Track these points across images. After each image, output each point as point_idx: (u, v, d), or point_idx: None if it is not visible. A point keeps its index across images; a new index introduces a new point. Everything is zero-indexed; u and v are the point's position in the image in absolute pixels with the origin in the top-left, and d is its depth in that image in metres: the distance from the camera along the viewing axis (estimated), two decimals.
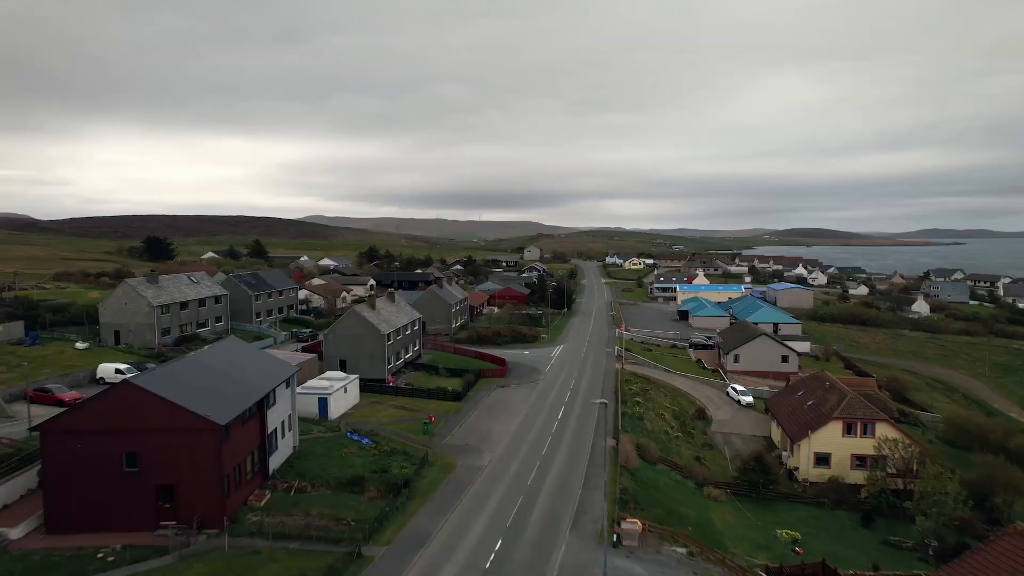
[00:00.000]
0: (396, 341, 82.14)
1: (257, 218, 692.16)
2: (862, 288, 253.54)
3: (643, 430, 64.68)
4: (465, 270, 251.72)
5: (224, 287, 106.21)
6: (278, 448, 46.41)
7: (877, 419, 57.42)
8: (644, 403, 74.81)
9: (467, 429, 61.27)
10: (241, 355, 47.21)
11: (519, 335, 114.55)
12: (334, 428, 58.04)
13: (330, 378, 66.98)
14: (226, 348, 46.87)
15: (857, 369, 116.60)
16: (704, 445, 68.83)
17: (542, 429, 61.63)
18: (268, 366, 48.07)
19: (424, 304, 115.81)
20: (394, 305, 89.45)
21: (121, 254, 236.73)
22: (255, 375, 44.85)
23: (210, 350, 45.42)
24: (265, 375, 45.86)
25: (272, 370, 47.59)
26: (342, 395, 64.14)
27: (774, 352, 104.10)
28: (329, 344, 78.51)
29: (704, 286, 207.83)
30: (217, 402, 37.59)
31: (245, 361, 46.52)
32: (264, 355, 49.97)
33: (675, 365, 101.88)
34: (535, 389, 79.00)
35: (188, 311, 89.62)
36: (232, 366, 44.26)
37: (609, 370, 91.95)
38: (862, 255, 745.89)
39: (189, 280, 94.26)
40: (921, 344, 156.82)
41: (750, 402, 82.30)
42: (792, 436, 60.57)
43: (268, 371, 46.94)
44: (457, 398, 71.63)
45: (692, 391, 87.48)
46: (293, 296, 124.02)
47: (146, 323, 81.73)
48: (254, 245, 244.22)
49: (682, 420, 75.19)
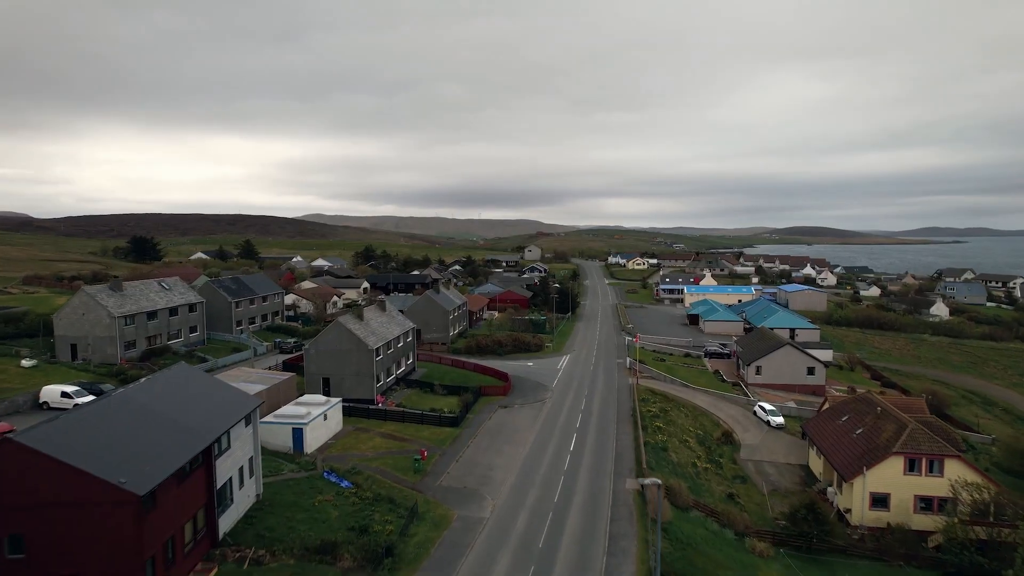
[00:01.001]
0: (386, 356, 73.58)
1: (255, 216, 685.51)
2: (874, 289, 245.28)
3: (668, 464, 56.19)
4: (464, 271, 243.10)
5: (201, 293, 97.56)
6: (233, 502, 37.84)
7: (946, 454, 48.97)
8: (665, 427, 66.32)
9: (465, 464, 52.74)
10: (188, 388, 38.57)
11: (522, 344, 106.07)
12: (309, 466, 49.47)
13: (308, 403, 58.43)
14: (169, 380, 38.24)
15: (885, 380, 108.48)
16: (735, 477, 60.34)
17: (553, 464, 53.12)
18: (223, 400, 39.45)
19: (419, 311, 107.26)
20: (385, 314, 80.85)
21: (106, 255, 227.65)
22: (203, 414, 36.27)
23: (148, 384, 36.79)
24: (217, 413, 37.27)
25: (227, 405, 38.99)
26: (321, 424, 55.59)
27: (799, 363, 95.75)
28: (311, 360, 69.91)
29: (712, 287, 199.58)
30: (143, 460, 29.04)
31: (192, 396, 37.90)
32: (220, 386, 41.34)
33: (692, 378, 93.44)
34: (542, 410, 70.51)
35: (157, 321, 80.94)
36: (174, 404, 35.67)
37: (623, 385, 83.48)
38: (864, 254, 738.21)
39: (160, 286, 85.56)
40: (944, 350, 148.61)
41: (781, 423, 73.84)
42: (842, 471, 52.12)
43: (222, 407, 38.34)
44: (454, 423, 63.12)
45: (715, 410, 78.99)
46: (279, 302, 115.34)
47: (106, 336, 73.09)
48: (244, 245, 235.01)
49: (707, 446, 66.71)
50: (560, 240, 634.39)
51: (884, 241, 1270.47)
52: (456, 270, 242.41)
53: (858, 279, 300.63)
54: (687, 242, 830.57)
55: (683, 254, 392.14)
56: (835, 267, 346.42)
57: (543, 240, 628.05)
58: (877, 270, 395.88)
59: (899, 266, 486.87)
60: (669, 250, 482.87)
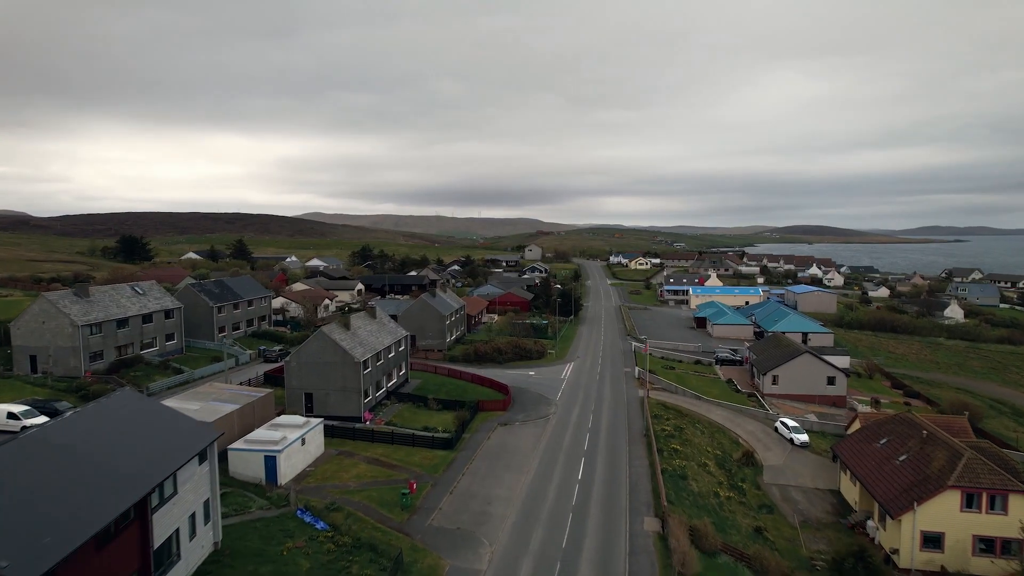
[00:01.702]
0: (376, 368, 67.39)
1: (254, 215, 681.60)
2: (882, 290, 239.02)
3: (689, 495, 50.06)
4: (463, 271, 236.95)
5: (180, 297, 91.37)
6: (181, 558, 31.68)
7: (1010, 489, 42.84)
8: (682, 448, 60.18)
9: (460, 497, 46.55)
10: (128, 422, 32.38)
11: (523, 351, 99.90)
12: (282, 501, 43.31)
13: (285, 425, 52.23)
14: (104, 414, 32.02)
15: (907, 389, 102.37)
16: (761, 507, 54.22)
17: (559, 497, 46.99)
18: (171, 435, 33.27)
19: (414, 316, 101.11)
20: (375, 322, 74.63)
21: (94, 254, 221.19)
22: (144, 455, 30.12)
23: (76, 419, 30.58)
24: (162, 452, 31.13)
25: (176, 441, 32.82)
26: (298, 450, 49.42)
27: (819, 372, 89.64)
28: (292, 374, 63.69)
29: (718, 289, 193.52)
30: (48, 525, 22.89)
31: (132, 432, 31.73)
32: (169, 417, 35.09)
33: (704, 388, 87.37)
34: (545, 428, 64.37)
35: (128, 329, 74.69)
36: (106, 444, 29.53)
37: (632, 398, 77.39)
38: (866, 253, 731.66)
39: (133, 291, 79.29)
40: (963, 355, 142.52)
41: (805, 441, 67.69)
42: (886, 505, 45.97)
43: (169, 444, 32.19)
44: (448, 445, 56.93)
45: (732, 426, 72.87)
46: (266, 306, 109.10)
47: (69, 346, 66.85)
48: (236, 245, 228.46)
49: (728, 469, 60.54)
50: (560, 239, 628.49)
51: (885, 240, 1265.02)
52: (455, 270, 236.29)
53: (865, 279, 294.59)
54: (687, 241, 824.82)
55: (686, 253, 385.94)
56: (840, 267, 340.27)
57: (543, 239, 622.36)
58: (882, 270, 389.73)
59: (903, 265, 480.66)
60: (671, 249, 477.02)
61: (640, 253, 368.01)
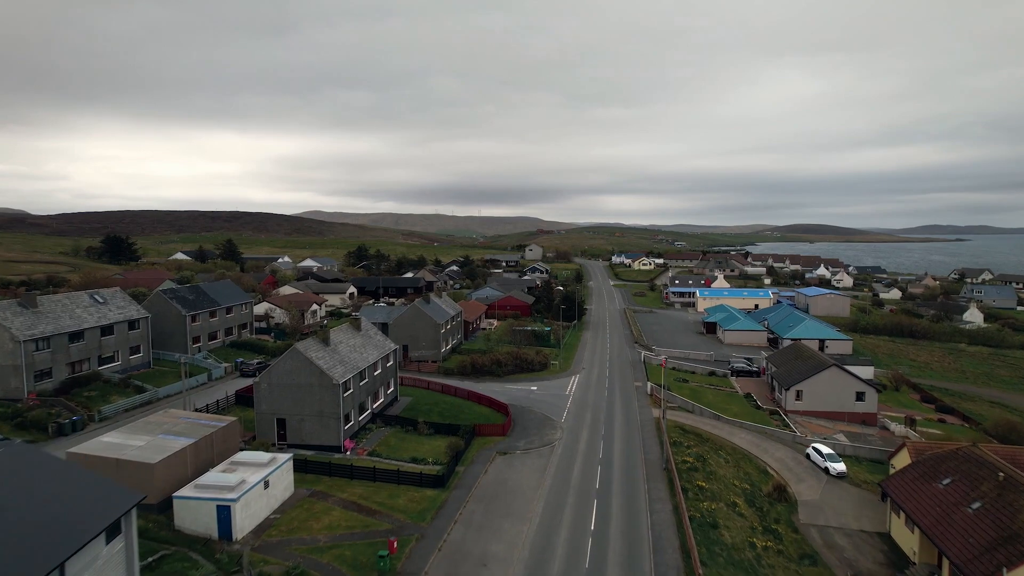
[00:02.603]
0: (359, 389, 59.63)
1: (253, 213, 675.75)
2: (894, 291, 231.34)
3: (722, 548, 42.33)
4: (461, 271, 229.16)
5: (150, 305, 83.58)
6: None
7: None
8: (708, 485, 52.43)
9: (449, 558, 38.75)
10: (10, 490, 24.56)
11: (524, 362, 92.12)
12: (233, 565, 35.58)
13: (246, 463, 44.42)
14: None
15: (939, 403, 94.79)
16: (803, 556, 46.50)
17: (569, 557, 39.19)
18: (70, 506, 25.48)
19: (406, 324, 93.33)
20: (359, 335, 66.83)
21: (78, 255, 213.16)
22: (23, 540, 22.33)
23: None
24: (51, 533, 23.34)
25: (75, 515, 25.03)
26: (259, 495, 41.63)
27: (847, 387, 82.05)
28: (262, 396, 55.91)
29: (726, 291, 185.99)
30: None
31: (13, 506, 23.92)
32: (71, 479, 27.32)
33: (721, 405, 79.79)
34: (550, 458, 56.65)
35: (83, 343, 66.86)
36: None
37: (646, 420, 69.71)
38: (869, 252, 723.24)
39: (92, 300, 71.42)
40: (988, 362, 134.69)
41: (842, 471, 59.90)
42: (964, 566, 38.26)
43: (63, 520, 24.39)
44: (439, 482, 49.16)
45: (758, 451, 65.18)
46: (247, 312, 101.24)
47: (9, 364, 59.00)
48: (226, 245, 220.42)
49: (758, 506, 52.87)
50: (561, 238, 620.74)
51: (887, 239, 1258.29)
52: (453, 271, 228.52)
53: (874, 280, 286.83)
54: (688, 240, 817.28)
55: (689, 253, 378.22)
56: (847, 267, 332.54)
57: (544, 238, 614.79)
58: (889, 270, 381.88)
59: (908, 265, 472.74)
60: (674, 249, 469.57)
61: (643, 253, 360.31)
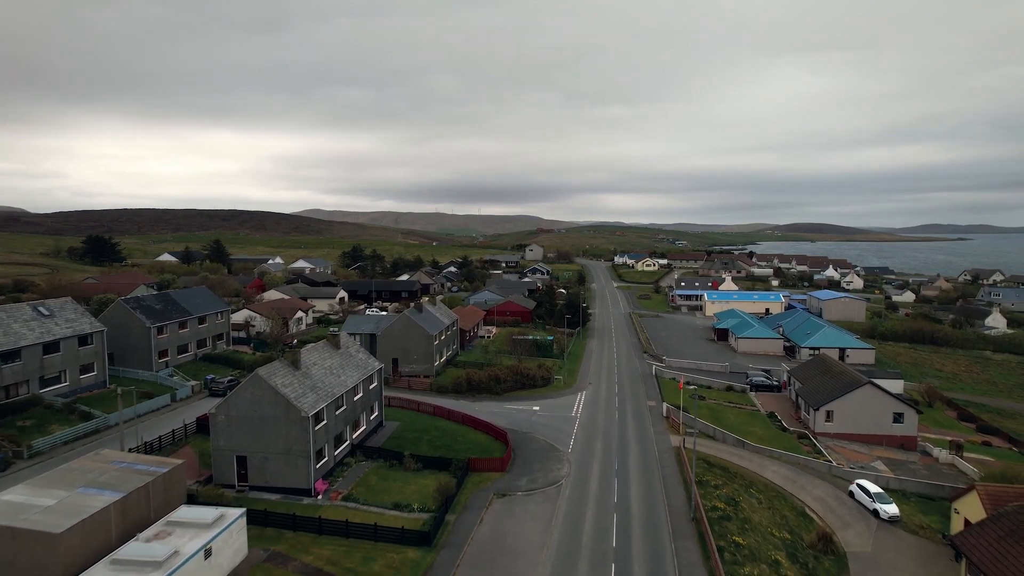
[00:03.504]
0: (334, 419, 51.36)
1: (252, 212, 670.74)
2: (907, 294, 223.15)
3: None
4: (460, 273, 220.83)
5: (110, 316, 75.28)
6: None
7: None
8: (744, 539, 44.15)
9: None
10: None
11: (525, 377, 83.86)
12: None
13: (185, 524, 36.10)
14: None
15: (980, 422, 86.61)
16: None
17: None
18: None
19: (396, 335, 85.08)
20: (338, 354, 58.51)
21: (59, 256, 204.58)
22: None
23: None
24: None
25: None
26: (198, 568, 33.35)
27: (884, 408, 73.94)
28: (219, 431, 47.57)
29: (735, 294, 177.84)
30: None
31: None
32: None
33: (744, 427, 71.74)
34: (558, 502, 48.41)
35: (20, 363, 58.51)
36: None
37: (664, 449, 61.64)
38: (871, 252, 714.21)
39: (34, 312, 63.06)
40: (1016, 372, 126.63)
41: (895, 515, 51.64)
42: None
43: None
44: (424, 539, 40.87)
45: (794, 488, 57.00)
46: (222, 322, 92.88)
47: None
48: (213, 245, 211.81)
49: (803, 562, 44.66)
50: (561, 238, 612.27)
51: (888, 238, 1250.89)
52: (451, 272, 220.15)
53: (884, 281, 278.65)
54: (689, 239, 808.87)
55: (693, 253, 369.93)
56: (855, 268, 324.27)
57: (544, 237, 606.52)
58: (896, 270, 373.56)
59: (914, 265, 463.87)
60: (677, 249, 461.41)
61: (647, 253, 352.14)
